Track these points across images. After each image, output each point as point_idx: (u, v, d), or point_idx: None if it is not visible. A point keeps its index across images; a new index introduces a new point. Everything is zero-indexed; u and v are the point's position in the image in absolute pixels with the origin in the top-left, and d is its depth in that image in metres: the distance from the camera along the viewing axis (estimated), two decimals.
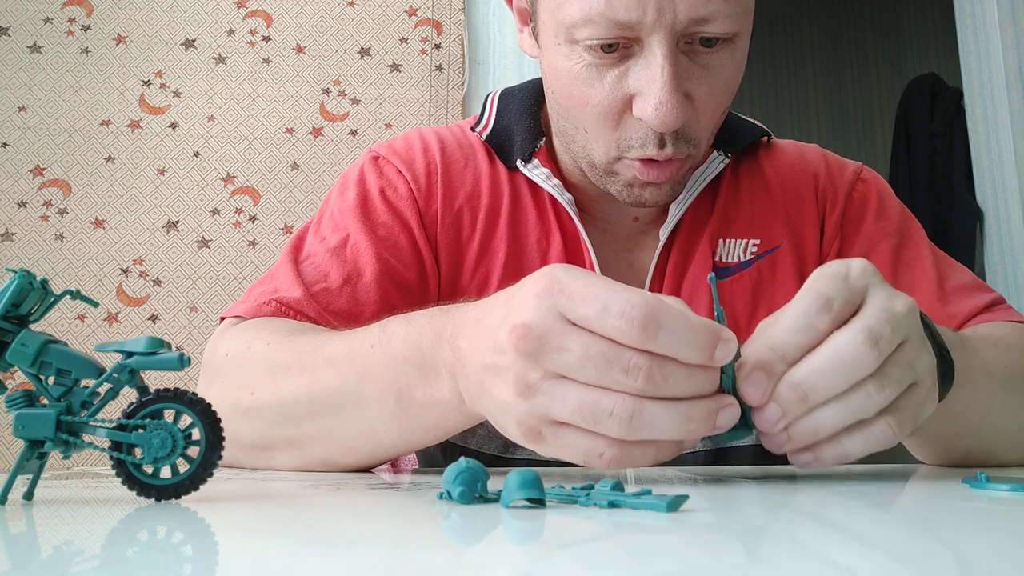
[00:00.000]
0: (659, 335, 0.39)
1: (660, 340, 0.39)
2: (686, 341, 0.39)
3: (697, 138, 0.64)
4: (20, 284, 0.36)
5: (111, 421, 0.36)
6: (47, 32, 1.75)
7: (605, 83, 0.61)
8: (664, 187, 0.66)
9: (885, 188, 0.81)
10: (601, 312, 0.39)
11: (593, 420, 0.40)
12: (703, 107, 0.62)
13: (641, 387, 0.39)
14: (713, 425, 0.41)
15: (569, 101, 0.65)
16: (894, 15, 3.83)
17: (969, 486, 0.45)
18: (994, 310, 0.73)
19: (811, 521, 0.35)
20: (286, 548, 0.28)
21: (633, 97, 0.61)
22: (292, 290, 0.68)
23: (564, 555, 0.27)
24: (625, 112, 0.62)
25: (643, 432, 0.40)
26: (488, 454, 0.73)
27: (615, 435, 0.40)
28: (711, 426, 0.41)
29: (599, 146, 0.65)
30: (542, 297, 0.41)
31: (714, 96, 0.63)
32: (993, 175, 2.06)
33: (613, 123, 0.63)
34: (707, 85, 0.62)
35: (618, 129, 0.63)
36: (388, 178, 0.75)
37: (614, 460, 0.41)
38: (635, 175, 0.65)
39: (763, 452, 0.75)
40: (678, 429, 0.40)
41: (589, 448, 0.41)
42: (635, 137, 0.63)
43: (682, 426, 0.40)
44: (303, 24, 1.81)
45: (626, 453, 0.41)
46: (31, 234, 1.67)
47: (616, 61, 0.60)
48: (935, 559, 0.27)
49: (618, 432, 0.40)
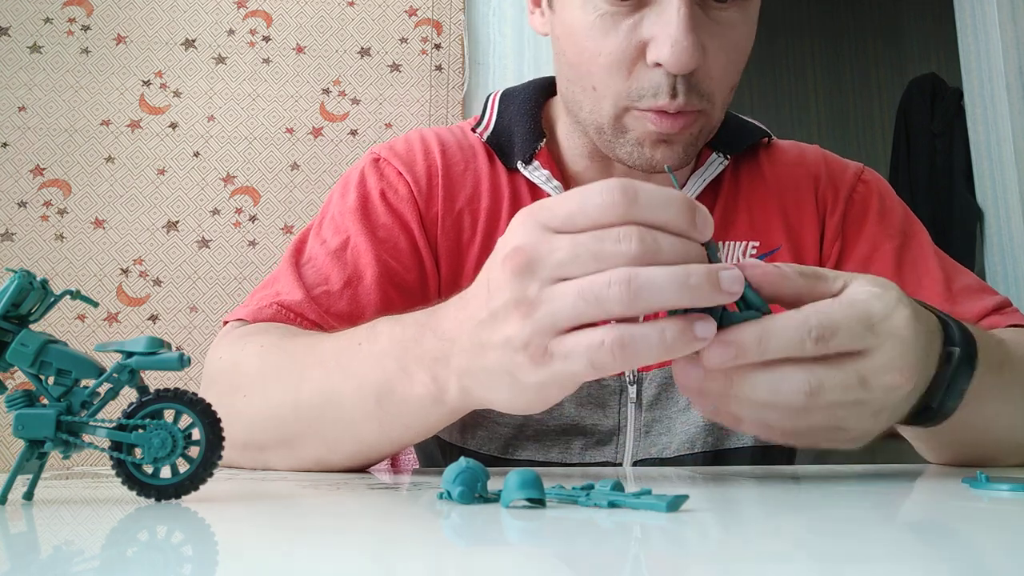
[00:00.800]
0: (639, 199, 0.40)
1: (642, 204, 0.40)
2: (666, 204, 0.40)
3: (710, 93, 0.64)
4: (20, 284, 0.36)
5: (111, 421, 0.36)
6: (47, 32, 1.75)
7: (620, 31, 0.62)
8: (676, 148, 0.66)
9: (887, 189, 0.81)
10: (581, 200, 0.41)
11: (595, 298, 0.40)
12: (715, 62, 0.63)
13: (635, 250, 0.40)
14: (718, 286, 0.39)
15: (580, 56, 0.65)
16: (894, 16, 3.83)
17: (969, 486, 0.45)
18: (1002, 313, 0.72)
19: (811, 521, 0.35)
20: (286, 548, 0.28)
21: (647, 44, 0.62)
22: (293, 293, 0.69)
23: (564, 555, 0.27)
24: (638, 61, 0.63)
25: (644, 294, 0.39)
26: (488, 455, 0.73)
27: (617, 305, 0.39)
28: (715, 288, 0.39)
29: (608, 101, 0.65)
30: (524, 221, 0.43)
31: (726, 52, 0.64)
32: (993, 175, 2.06)
33: (625, 72, 0.63)
34: (720, 39, 0.63)
35: (629, 79, 0.63)
36: (389, 180, 0.75)
37: (619, 344, 0.40)
38: (646, 128, 0.64)
39: (763, 452, 0.75)
40: (680, 290, 0.39)
41: (591, 342, 0.40)
42: (647, 86, 0.63)
43: (684, 286, 0.39)
44: (303, 24, 1.81)
45: (629, 336, 0.40)
46: (31, 234, 1.67)
47: (631, 10, 0.62)
48: (935, 559, 0.27)
49: (620, 298, 0.39)
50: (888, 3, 3.84)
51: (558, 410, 0.71)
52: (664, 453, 0.72)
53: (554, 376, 0.43)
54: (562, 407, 0.71)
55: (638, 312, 0.40)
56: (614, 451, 0.72)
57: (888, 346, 0.42)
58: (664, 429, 0.73)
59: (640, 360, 0.40)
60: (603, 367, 0.41)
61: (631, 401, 0.72)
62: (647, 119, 0.64)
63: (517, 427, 0.72)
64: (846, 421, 0.44)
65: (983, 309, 0.72)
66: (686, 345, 0.40)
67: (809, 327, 0.41)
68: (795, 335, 0.41)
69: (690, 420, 0.72)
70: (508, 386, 0.45)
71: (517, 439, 0.72)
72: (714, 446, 0.73)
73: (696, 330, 0.40)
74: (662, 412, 0.73)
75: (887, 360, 0.42)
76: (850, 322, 0.42)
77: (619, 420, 0.72)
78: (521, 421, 0.71)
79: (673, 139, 0.65)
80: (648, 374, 0.72)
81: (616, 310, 0.40)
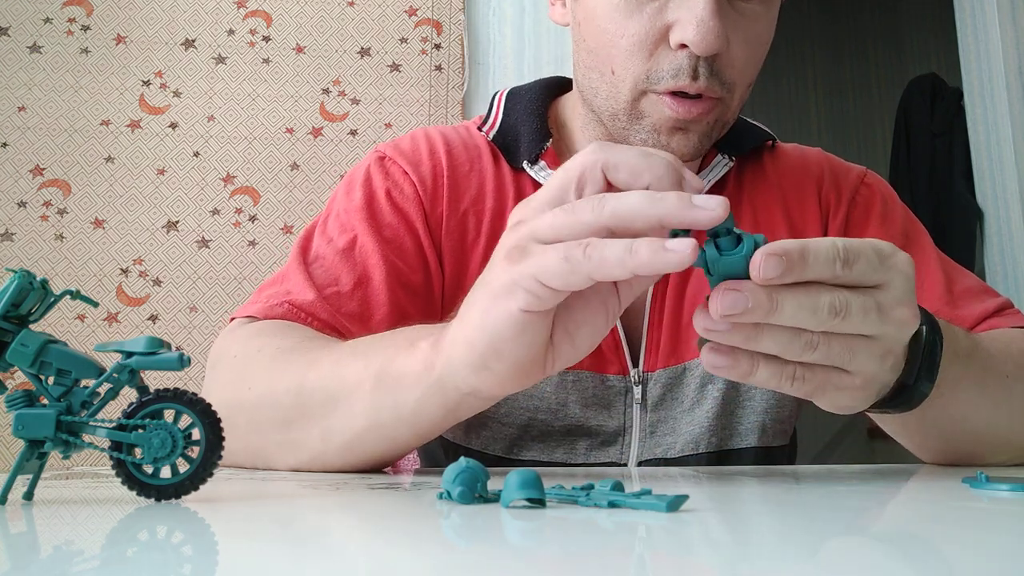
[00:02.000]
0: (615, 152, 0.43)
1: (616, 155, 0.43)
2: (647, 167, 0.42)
3: (731, 82, 0.65)
4: (20, 284, 0.36)
5: (111, 421, 0.36)
6: (47, 32, 1.75)
7: (644, 14, 0.63)
8: (691, 136, 0.66)
9: (889, 192, 0.81)
10: (563, 170, 0.44)
11: (571, 209, 0.42)
12: (736, 51, 0.64)
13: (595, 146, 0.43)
14: (689, 202, 0.39)
15: (601, 39, 0.66)
16: (894, 15, 3.83)
17: (969, 486, 0.45)
18: (1003, 314, 0.72)
19: (811, 520, 0.35)
20: (286, 548, 0.28)
21: (671, 26, 0.63)
22: (304, 293, 0.68)
23: (564, 555, 0.27)
24: (661, 44, 0.64)
25: (613, 202, 0.40)
26: (492, 455, 0.73)
27: (588, 212, 0.41)
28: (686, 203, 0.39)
29: (626, 84, 0.65)
30: (514, 213, 0.45)
31: (748, 44, 0.65)
32: (993, 175, 2.06)
33: (646, 54, 0.64)
34: (742, 31, 0.64)
35: (650, 60, 0.64)
36: (394, 179, 0.75)
37: (591, 245, 0.40)
38: (663, 113, 0.65)
39: (764, 452, 0.75)
40: (651, 201, 0.40)
41: (567, 245, 0.41)
42: (667, 68, 0.64)
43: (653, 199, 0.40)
44: (303, 24, 1.81)
45: (601, 241, 0.40)
46: (31, 234, 1.67)
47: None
48: (935, 559, 0.27)
49: (591, 206, 0.41)
50: (888, 3, 3.84)
51: (563, 410, 0.71)
52: (669, 453, 0.72)
53: (522, 271, 0.42)
54: (567, 407, 0.71)
55: (608, 222, 0.41)
56: (619, 452, 0.72)
57: (899, 281, 0.44)
58: (669, 430, 0.73)
59: (606, 262, 0.40)
60: (574, 260, 0.40)
61: (636, 402, 0.72)
62: (664, 103, 0.64)
63: (522, 427, 0.72)
64: (857, 360, 0.44)
65: (984, 311, 0.72)
66: (653, 253, 0.39)
67: (838, 248, 0.42)
68: (829, 254, 0.41)
69: (695, 421, 0.72)
70: (481, 300, 0.45)
71: (522, 439, 0.72)
72: (718, 446, 0.73)
73: (667, 242, 0.39)
74: (667, 413, 0.73)
75: (899, 293, 0.44)
76: (868, 251, 0.43)
77: (624, 421, 0.72)
78: (526, 421, 0.71)
79: (689, 127, 0.65)
80: (653, 374, 0.72)
81: (588, 219, 0.41)
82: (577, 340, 0.46)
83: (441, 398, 0.50)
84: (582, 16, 0.68)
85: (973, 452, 0.62)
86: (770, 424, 0.74)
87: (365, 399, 0.53)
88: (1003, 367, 0.60)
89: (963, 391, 0.56)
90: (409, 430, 0.53)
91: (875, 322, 0.43)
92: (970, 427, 0.60)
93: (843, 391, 0.46)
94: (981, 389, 0.58)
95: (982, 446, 0.62)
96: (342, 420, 0.54)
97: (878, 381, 0.47)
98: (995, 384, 0.59)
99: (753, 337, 0.42)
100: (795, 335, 0.42)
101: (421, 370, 0.50)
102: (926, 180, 2.78)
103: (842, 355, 0.43)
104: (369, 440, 0.55)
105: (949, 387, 0.53)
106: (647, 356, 0.72)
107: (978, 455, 0.62)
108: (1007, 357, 0.61)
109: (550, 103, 0.79)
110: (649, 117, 0.66)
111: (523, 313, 0.43)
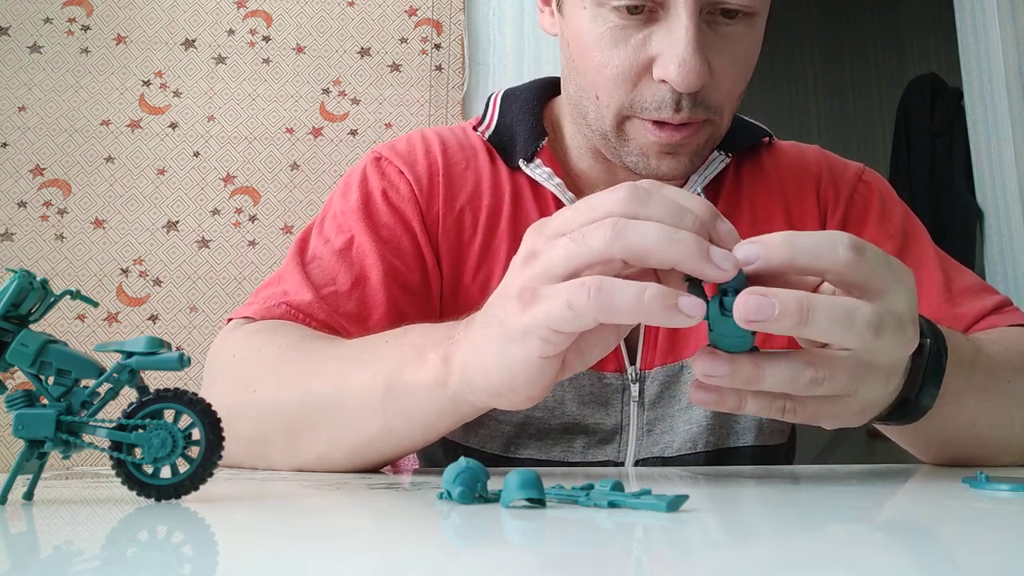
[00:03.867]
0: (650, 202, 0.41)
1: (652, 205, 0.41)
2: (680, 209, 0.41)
3: (718, 105, 0.65)
4: (20, 284, 0.36)
5: (111, 421, 0.36)
6: (47, 32, 1.75)
7: (628, 46, 0.63)
8: (682, 159, 0.66)
9: (887, 189, 0.81)
10: (590, 208, 0.43)
11: (582, 237, 0.41)
12: (722, 76, 0.64)
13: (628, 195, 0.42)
14: (706, 254, 0.39)
15: (588, 64, 0.65)
16: (894, 15, 3.82)
17: (969, 486, 0.45)
18: (1002, 312, 0.72)
19: (811, 521, 0.35)
20: (286, 548, 0.28)
21: (654, 60, 0.62)
22: (302, 293, 0.68)
23: (564, 555, 0.27)
24: (644, 76, 0.63)
25: (628, 235, 0.40)
26: (490, 453, 0.73)
27: (600, 243, 0.40)
28: (703, 254, 0.39)
29: (611, 110, 0.66)
30: (529, 233, 0.45)
31: (734, 65, 0.64)
32: (993, 175, 2.06)
33: (630, 85, 0.64)
34: (727, 54, 0.64)
35: (634, 91, 0.64)
36: (390, 179, 0.75)
37: (596, 287, 0.40)
38: (646, 138, 0.65)
39: (762, 451, 0.75)
40: (666, 244, 0.39)
41: (574, 282, 0.41)
42: (650, 99, 0.64)
43: (669, 240, 0.39)
44: (303, 24, 1.81)
45: (609, 282, 0.40)
46: (31, 234, 1.67)
47: (640, 24, 0.62)
48: (935, 559, 0.27)
49: (604, 236, 0.40)
50: (888, 3, 3.84)
51: (560, 408, 0.71)
52: (666, 452, 0.72)
53: (535, 319, 0.42)
54: (564, 405, 0.71)
55: (620, 254, 0.40)
56: (616, 450, 0.72)
57: (902, 288, 0.42)
58: (666, 428, 0.73)
59: (615, 311, 0.40)
60: (579, 308, 0.40)
61: (633, 400, 0.72)
62: (647, 128, 0.65)
63: (519, 425, 0.72)
64: (863, 389, 0.43)
65: (983, 309, 0.72)
66: (664, 310, 0.39)
67: (843, 239, 0.41)
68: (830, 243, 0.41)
69: (692, 419, 0.72)
70: (496, 339, 0.45)
71: (519, 438, 0.72)
72: (716, 445, 0.73)
73: (679, 301, 0.39)
74: (664, 411, 0.73)
75: (902, 301, 0.42)
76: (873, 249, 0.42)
77: (621, 419, 0.72)
78: (523, 419, 0.71)
79: (678, 150, 0.66)
80: (650, 372, 0.72)
81: (599, 248, 0.40)
82: (587, 356, 0.47)
83: (454, 411, 0.52)
84: (570, 36, 0.68)
85: (977, 455, 0.62)
86: (767, 422, 0.74)
87: (376, 408, 0.53)
88: (1005, 370, 0.60)
89: (967, 399, 0.56)
90: (421, 434, 0.55)
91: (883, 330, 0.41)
92: (974, 432, 0.59)
93: (840, 417, 0.45)
94: (984, 395, 0.58)
95: (986, 449, 0.61)
96: (351, 427, 0.55)
97: (879, 404, 0.47)
98: (998, 389, 0.59)
99: (754, 380, 0.42)
100: (800, 371, 0.41)
101: (433, 384, 0.50)
102: (926, 180, 2.78)
103: (847, 386, 0.43)
104: (378, 445, 0.56)
105: (953, 396, 0.53)
106: (644, 354, 0.72)
107: (982, 458, 0.62)
108: (1008, 359, 0.61)
109: (545, 103, 0.79)
110: (634, 140, 0.66)
111: (540, 359, 0.44)
